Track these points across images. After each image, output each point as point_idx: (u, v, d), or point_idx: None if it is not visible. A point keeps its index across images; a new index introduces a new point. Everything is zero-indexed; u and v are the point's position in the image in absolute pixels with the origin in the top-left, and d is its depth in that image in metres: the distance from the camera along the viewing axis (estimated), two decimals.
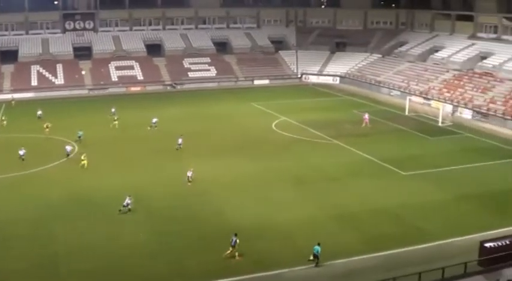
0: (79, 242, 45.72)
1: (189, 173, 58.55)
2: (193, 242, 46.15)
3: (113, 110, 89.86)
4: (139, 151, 71.42)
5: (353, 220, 50.52)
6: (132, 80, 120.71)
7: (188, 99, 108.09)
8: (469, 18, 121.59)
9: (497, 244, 41.54)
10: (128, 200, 51.46)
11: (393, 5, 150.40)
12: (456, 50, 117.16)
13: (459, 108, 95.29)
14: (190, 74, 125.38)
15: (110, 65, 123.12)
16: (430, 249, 45.06)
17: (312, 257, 42.54)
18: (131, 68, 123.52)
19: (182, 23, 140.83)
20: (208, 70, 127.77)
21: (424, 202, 54.90)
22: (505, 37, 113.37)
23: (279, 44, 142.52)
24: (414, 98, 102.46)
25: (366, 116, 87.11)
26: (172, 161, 67.15)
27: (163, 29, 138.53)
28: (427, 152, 73.02)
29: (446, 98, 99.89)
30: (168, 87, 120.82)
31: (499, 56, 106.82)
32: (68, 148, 69.15)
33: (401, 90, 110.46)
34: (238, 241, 43.09)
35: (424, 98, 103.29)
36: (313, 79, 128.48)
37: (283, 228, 48.63)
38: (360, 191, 57.84)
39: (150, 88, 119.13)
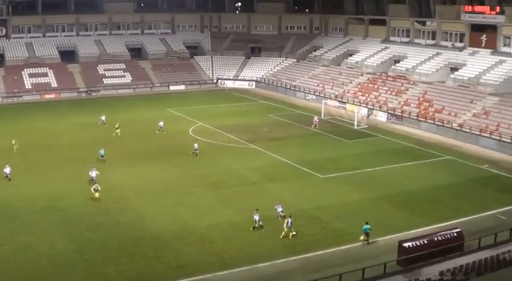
0: None
1: None
2: (113, 249, 45.17)
3: (102, 118, 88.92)
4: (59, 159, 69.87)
5: (272, 223, 50.29)
6: (46, 88, 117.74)
7: (104, 106, 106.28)
8: (382, 23, 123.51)
9: (415, 244, 42.03)
10: (256, 217, 48.98)
11: (307, 10, 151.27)
12: (370, 53, 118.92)
13: (374, 111, 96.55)
14: (106, 81, 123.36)
15: (23, 72, 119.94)
16: (349, 250, 45.32)
17: (362, 237, 45.59)
18: (45, 75, 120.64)
19: (96, 29, 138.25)
20: (124, 76, 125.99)
21: (343, 204, 55.27)
22: (417, 41, 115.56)
23: (194, 49, 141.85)
24: (330, 102, 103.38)
25: (316, 118, 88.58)
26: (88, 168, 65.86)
27: (77, 35, 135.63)
28: (344, 154, 73.71)
29: (361, 101, 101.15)
30: (83, 95, 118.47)
31: (412, 60, 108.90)
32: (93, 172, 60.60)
33: (317, 94, 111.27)
34: (291, 221, 46.82)
35: (340, 101, 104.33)
36: (229, 84, 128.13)
37: (202, 233, 48.17)
38: (278, 195, 57.50)
39: (64, 95, 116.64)
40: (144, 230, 48.56)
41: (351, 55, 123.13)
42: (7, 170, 61.26)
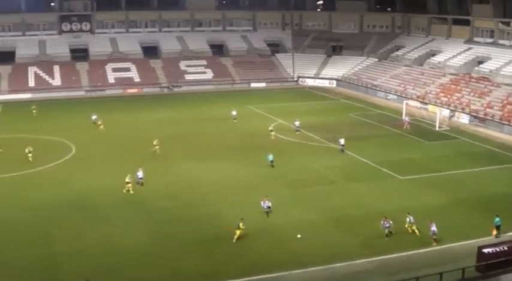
0: (75, 244, 45.67)
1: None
2: (191, 244, 46.01)
3: (233, 113, 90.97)
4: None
5: (350, 223, 50.40)
6: (129, 82, 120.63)
7: (185, 101, 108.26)
8: (466, 23, 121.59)
9: (496, 250, 41.36)
10: (433, 228, 47.10)
11: (389, 9, 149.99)
12: (453, 54, 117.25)
13: (456, 113, 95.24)
14: (187, 77, 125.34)
15: (106, 66, 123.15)
16: (428, 254, 44.98)
17: (495, 231, 47.17)
18: (128, 70, 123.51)
19: (178, 26, 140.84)
20: (205, 73, 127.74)
21: (422, 207, 54.49)
22: (501, 42, 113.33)
23: (275, 47, 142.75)
24: (411, 102, 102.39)
25: (407, 118, 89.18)
26: (171, 162, 67.34)
27: (160, 31, 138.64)
28: (424, 156, 72.96)
29: (443, 103, 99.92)
30: (165, 90, 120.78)
31: (496, 61, 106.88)
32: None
33: (398, 94, 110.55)
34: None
35: (421, 102, 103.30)
36: (310, 82, 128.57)
37: (280, 231, 48.55)
38: (357, 195, 57.72)
39: (146, 90, 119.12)
40: (222, 226, 48.90)
41: (433, 55, 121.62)
42: (140, 174, 59.21)
